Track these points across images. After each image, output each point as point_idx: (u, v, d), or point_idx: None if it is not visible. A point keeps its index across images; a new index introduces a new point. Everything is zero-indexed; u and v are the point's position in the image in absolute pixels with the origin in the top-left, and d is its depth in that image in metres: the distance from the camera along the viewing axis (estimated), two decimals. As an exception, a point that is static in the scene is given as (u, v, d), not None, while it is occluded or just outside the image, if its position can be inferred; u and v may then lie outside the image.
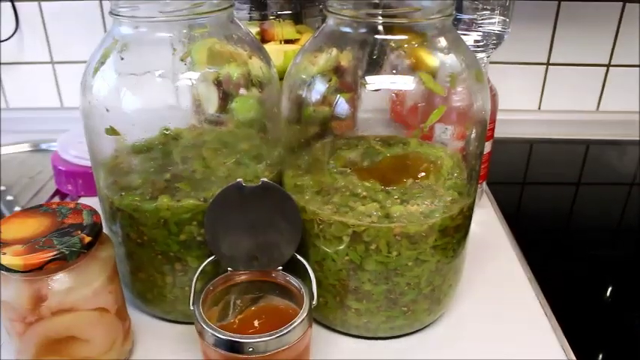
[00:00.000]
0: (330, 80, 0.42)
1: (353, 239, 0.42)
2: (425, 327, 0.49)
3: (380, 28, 0.40)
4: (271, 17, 0.61)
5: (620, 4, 0.82)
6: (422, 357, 0.46)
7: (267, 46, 0.56)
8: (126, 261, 0.47)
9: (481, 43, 0.58)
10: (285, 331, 0.37)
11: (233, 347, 0.37)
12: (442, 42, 0.42)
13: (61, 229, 0.39)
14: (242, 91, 0.45)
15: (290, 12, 0.62)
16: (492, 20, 0.58)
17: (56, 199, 0.71)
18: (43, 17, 0.84)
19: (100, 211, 0.43)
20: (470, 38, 0.58)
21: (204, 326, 0.38)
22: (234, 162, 0.46)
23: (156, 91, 0.42)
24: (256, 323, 0.41)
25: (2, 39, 0.84)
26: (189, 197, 0.43)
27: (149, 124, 0.44)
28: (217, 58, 0.43)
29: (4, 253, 0.36)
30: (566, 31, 0.84)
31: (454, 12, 0.41)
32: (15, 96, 0.91)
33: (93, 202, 0.47)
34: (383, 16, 0.40)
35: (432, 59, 0.41)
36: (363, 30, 0.41)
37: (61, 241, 0.37)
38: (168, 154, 0.45)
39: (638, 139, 0.87)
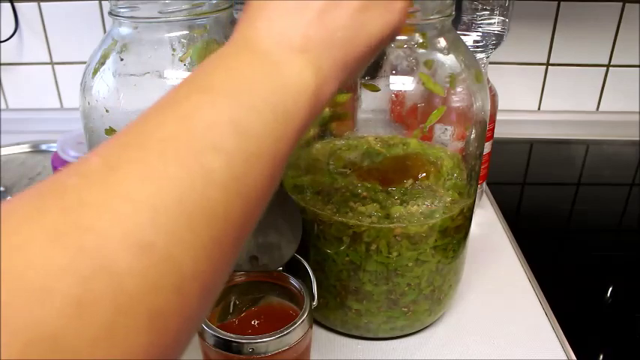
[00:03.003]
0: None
1: (353, 240, 0.42)
2: (425, 327, 0.49)
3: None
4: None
5: (620, 4, 0.82)
6: (422, 357, 0.46)
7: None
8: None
9: (481, 44, 0.58)
10: (285, 332, 0.37)
11: (233, 348, 0.37)
12: (442, 42, 0.42)
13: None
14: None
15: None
16: (492, 20, 0.58)
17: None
18: (42, 18, 0.84)
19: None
20: (469, 39, 0.58)
21: (204, 327, 0.38)
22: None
23: (155, 92, 0.42)
24: (256, 324, 0.41)
25: (2, 40, 0.84)
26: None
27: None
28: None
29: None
30: (566, 31, 0.84)
31: (453, 12, 0.41)
32: (15, 97, 0.91)
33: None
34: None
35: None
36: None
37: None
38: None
39: (637, 139, 0.87)
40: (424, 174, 0.44)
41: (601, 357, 0.49)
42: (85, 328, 0.15)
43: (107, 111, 0.42)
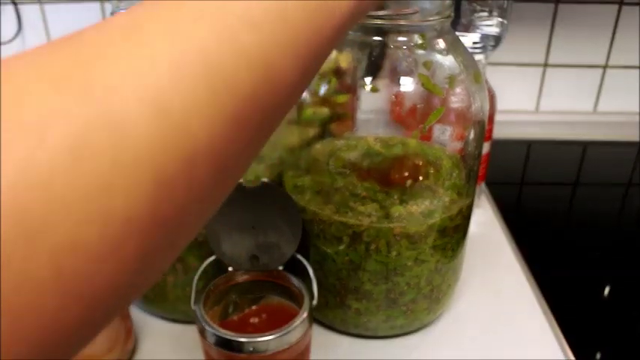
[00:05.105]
0: (329, 82, 0.43)
1: (353, 239, 0.42)
2: (424, 326, 0.49)
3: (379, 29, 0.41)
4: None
5: (617, 5, 0.82)
6: (422, 356, 0.46)
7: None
8: (127, 261, 0.47)
9: (479, 45, 0.59)
10: (285, 331, 0.37)
11: (234, 347, 0.37)
12: (441, 43, 0.42)
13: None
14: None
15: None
16: (490, 22, 0.58)
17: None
18: (45, 20, 0.84)
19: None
20: (468, 40, 0.58)
21: (205, 326, 0.38)
22: (235, 163, 0.46)
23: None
24: (257, 323, 0.41)
25: (4, 41, 0.84)
26: (191, 198, 0.43)
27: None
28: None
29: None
30: (564, 32, 0.84)
31: (452, 14, 0.42)
32: (15, 98, 0.91)
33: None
34: (382, 17, 0.40)
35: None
36: (362, 31, 0.41)
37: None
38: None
39: (635, 139, 0.87)
40: (424, 174, 0.44)
41: (599, 357, 0.50)
42: (78, 178, 0.14)
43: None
